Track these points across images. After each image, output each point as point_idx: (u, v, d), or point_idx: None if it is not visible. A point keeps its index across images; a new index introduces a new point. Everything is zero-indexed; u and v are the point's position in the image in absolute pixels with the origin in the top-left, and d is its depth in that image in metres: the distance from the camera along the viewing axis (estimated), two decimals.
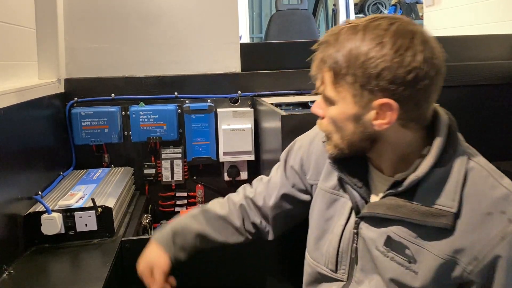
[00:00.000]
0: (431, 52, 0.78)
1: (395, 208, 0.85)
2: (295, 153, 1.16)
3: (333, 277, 0.99)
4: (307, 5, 4.64)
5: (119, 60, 1.84)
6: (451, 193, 0.82)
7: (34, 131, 1.44)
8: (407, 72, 0.76)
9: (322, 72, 0.85)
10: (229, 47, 1.90)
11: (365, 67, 0.78)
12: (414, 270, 0.84)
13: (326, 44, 0.84)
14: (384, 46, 0.76)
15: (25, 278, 1.13)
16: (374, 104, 0.80)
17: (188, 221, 1.19)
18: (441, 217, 0.81)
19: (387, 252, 0.87)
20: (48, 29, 1.68)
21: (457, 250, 0.81)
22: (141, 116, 1.79)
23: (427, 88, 0.79)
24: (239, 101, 1.89)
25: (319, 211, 1.05)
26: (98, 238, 1.35)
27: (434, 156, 0.82)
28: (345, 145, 0.89)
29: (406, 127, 0.84)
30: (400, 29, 0.78)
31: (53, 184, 1.53)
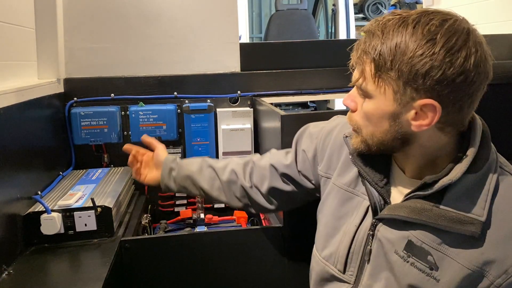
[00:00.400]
0: (484, 55, 0.75)
1: (420, 211, 0.81)
2: (310, 140, 1.14)
3: (340, 278, 0.96)
4: (307, 5, 4.64)
5: (119, 60, 1.84)
6: (481, 201, 0.78)
7: (33, 131, 1.44)
8: (457, 74, 0.72)
9: (363, 63, 0.81)
10: (229, 47, 1.90)
11: (412, 63, 0.73)
12: (436, 277, 0.81)
13: (371, 34, 0.79)
14: (436, 44, 0.72)
15: (24, 278, 1.13)
16: (416, 104, 0.76)
17: (190, 161, 1.29)
18: (469, 225, 0.77)
19: (407, 257, 0.84)
20: (47, 28, 1.68)
21: (487, 262, 0.77)
22: (140, 116, 1.79)
23: (473, 93, 0.75)
24: (238, 101, 1.89)
25: (331, 208, 1.02)
26: (97, 238, 1.35)
27: (468, 162, 0.79)
28: (375, 142, 0.85)
29: (443, 131, 0.80)
30: (454, 27, 0.73)
31: (52, 184, 1.53)
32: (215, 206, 1.92)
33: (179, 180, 1.28)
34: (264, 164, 1.21)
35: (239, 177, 1.23)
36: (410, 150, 0.85)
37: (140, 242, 1.38)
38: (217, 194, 1.25)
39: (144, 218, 1.65)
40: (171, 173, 1.28)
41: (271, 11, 7.65)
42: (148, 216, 1.69)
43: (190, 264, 1.39)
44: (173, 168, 1.28)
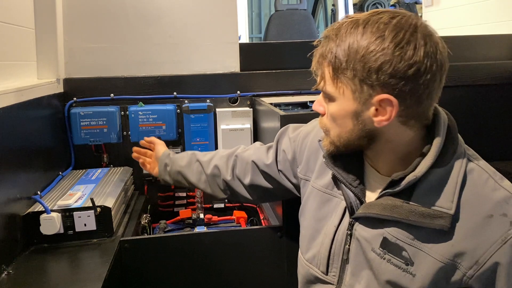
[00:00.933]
0: (434, 47, 0.77)
1: (392, 208, 0.83)
2: (288, 142, 1.17)
3: (324, 280, 0.98)
4: (306, 5, 4.63)
5: (118, 60, 1.84)
6: (449, 195, 0.80)
7: (33, 131, 1.44)
8: (408, 66, 0.74)
9: (322, 67, 0.84)
10: (228, 47, 1.90)
11: (365, 61, 0.76)
12: (412, 272, 0.82)
13: (327, 39, 0.82)
14: (385, 39, 0.75)
15: (24, 278, 1.13)
16: (374, 100, 0.78)
17: (181, 156, 1.36)
18: (438, 219, 0.79)
19: (383, 254, 0.85)
20: (47, 29, 1.68)
21: (458, 254, 0.79)
22: (140, 116, 1.79)
23: (429, 84, 0.77)
24: (238, 101, 1.89)
25: (311, 211, 1.04)
26: (97, 238, 1.35)
27: (433, 156, 0.80)
28: (342, 142, 0.87)
29: (407, 124, 0.82)
30: (401, 22, 0.76)
31: (52, 184, 1.53)
32: (214, 206, 1.92)
33: (173, 175, 1.36)
34: (247, 159, 1.25)
35: (222, 171, 1.29)
36: (378, 147, 0.87)
37: (139, 242, 1.38)
38: (204, 187, 1.33)
39: (143, 218, 1.65)
40: (166, 168, 1.37)
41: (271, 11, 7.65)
42: (148, 216, 1.69)
43: (190, 264, 1.39)
44: (167, 164, 1.36)
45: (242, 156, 1.27)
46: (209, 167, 1.30)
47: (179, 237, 1.44)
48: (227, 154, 1.31)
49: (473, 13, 2.83)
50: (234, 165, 1.28)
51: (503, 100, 1.96)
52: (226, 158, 1.30)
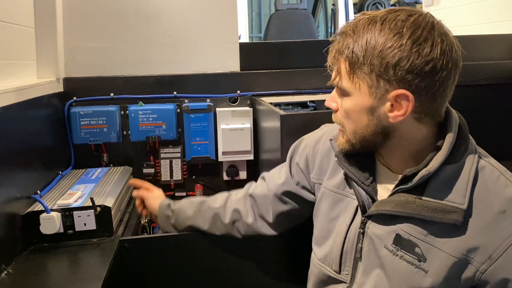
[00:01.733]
0: (450, 45, 0.78)
1: (404, 204, 0.84)
2: (301, 151, 1.16)
3: (337, 279, 0.98)
4: (306, 5, 4.63)
5: (118, 60, 1.84)
6: (461, 190, 0.81)
7: (33, 130, 1.43)
8: (425, 62, 0.76)
9: (338, 62, 0.85)
10: (228, 46, 1.90)
11: (382, 56, 0.78)
12: (424, 269, 0.83)
13: (343, 34, 0.83)
14: (403, 36, 0.77)
15: (23, 278, 1.13)
16: (390, 95, 0.80)
17: (185, 206, 1.32)
18: (451, 213, 0.80)
19: (396, 251, 0.86)
20: (47, 28, 1.67)
21: (471, 249, 0.79)
22: (140, 115, 1.79)
23: (444, 81, 0.79)
24: (238, 101, 1.89)
25: (323, 211, 1.04)
26: (97, 237, 1.34)
27: (446, 151, 0.82)
28: (358, 139, 0.88)
29: (420, 121, 0.83)
30: (419, 20, 0.78)
31: (52, 184, 1.53)
32: None
33: (179, 227, 1.34)
34: (263, 194, 1.22)
35: (243, 216, 1.25)
36: (392, 144, 0.88)
37: (139, 241, 1.38)
38: (219, 233, 1.29)
39: (143, 218, 1.65)
40: (169, 221, 1.35)
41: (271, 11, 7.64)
42: (148, 215, 1.69)
43: (189, 264, 1.38)
44: (170, 216, 1.34)
45: (257, 194, 1.24)
46: (227, 213, 1.26)
47: (179, 237, 1.44)
48: (242, 196, 1.27)
49: (474, 12, 2.83)
50: (252, 206, 1.25)
51: (503, 100, 1.95)
52: (243, 201, 1.26)
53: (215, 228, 1.29)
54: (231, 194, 1.31)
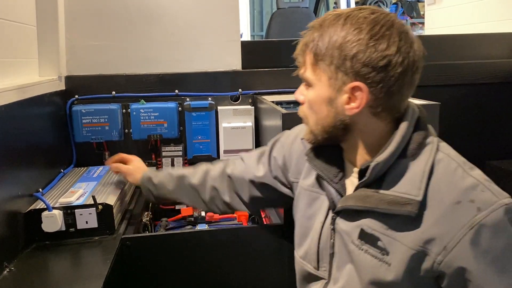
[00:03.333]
0: (407, 44, 0.82)
1: (364, 198, 0.86)
2: (279, 148, 1.21)
3: (317, 275, 1.01)
4: (308, 3, 4.63)
5: (120, 58, 1.84)
6: (417, 182, 0.82)
7: (34, 129, 1.44)
8: (380, 57, 0.80)
9: (304, 55, 0.90)
10: (230, 45, 1.90)
11: (341, 49, 0.82)
12: (387, 261, 0.85)
13: (311, 29, 0.88)
14: (362, 31, 0.81)
15: (25, 275, 1.14)
16: (347, 87, 0.83)
17: (166, 180, 1.36)
18: (406, 205, 0.81)
19: (361, 245, 0.89)
20: (48, 26, 1.68)
21: (427, 240, 0.81)
22: (141, 113, 1.79)
23: (399, 77, 0.81)
24: (239, 99, 1.89)
25: (301, 210, 1.07)
26: (98, 235, 1.35)
27: (396, 142, 0.84)
28: (319, 130, 0.92)
29: (378, 116, 0.86)
30: (380, 18, 0.82)
31: (53, 182, 1.53)
32: None
33: (161, 199, 1.44)
34: (241, 177, 1.26)
35: (220, 193, 1.30)
36: (352, 138, 0.91)
37: (141, 239, 1.38)
38: (201, 208, 1.44)
39: (145, 216, 1.65)
40: (151, 193, 1.40)
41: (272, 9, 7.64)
42: (149, 213, 1.69)
43: (191, 262, 1.39)
44: (151, 190, 1.39)
45: (235, 175, 1.27)
46: (206, 190, 1.31)
47: (181, 235, 1.44)
48: (220, 174, 1.30)
49: (475, 11, 2.82)
50: (229, 185, 1.29)
51: (505, 98, 1.95)
52: (220, 179, 1.30)
53: (197, 203, 1.36)
54: (209, 171, 1.33)
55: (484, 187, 0.81)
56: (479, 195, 0.79)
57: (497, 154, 1.99)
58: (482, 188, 0.80)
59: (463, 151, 0.90)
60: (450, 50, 2.11)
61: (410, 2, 7.20)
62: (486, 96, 1.93)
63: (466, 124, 2.00)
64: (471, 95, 1.90)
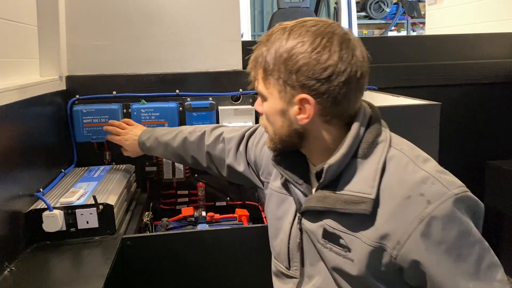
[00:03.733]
0: (350, 53, 0.84)
1: (323, 199, 0.90)
2: (251, 146, 1.27)
3: (288, 274, 1.04)
4: (309, 3, 4.63)
5: (121, 58, 1.84)
6: (370, 181, 0.85)
7: (35, 128, 1.44)
8: (323, 69, 0.83)
9: (255, 69, 0.93)
10: (231, 45, 1.90)
11: (287, 63, 0.85)
12: (350, 258, 0.88)
13: (260, 44, 0.92)
14: (304, 44, 0.84)
15: (26, 275, 1.14)
16: (296, 100, 0.87)
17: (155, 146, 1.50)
18: (360, 204, 0.85)
19: (325, 244, 0.92)
20: (49, 26, 1.68)
21: (382, 236, 0.83)
22: (142, 113, 1.79)
23: (344, 86, 0.84)
24: (240, 99, 1.89)
25: (271, 211, 1.11)
26: (99, 235, 1.35)
27: (347, 145, 0.87)
28: (277, 139, 0.96)
29: (329, 123, 0.90)
30: (321, 30, 0.85)
31: (54, 182, 1.53)
32: (216, 204, 1.92)
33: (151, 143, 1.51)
34: (219, 156, 1.37)
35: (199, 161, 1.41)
36: (309, 144, 0.95)
37: (141, 239, 1.38)
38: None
39: (145, 216, 1.65)
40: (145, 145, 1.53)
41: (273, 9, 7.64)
42: (150, 213, 1.69)
43: (192, 262, 1.39)
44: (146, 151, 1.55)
45: (215, 154, 1.37)
46: (187, 157, 1.42)
47: (181, 235, 1.45)
48: (197, 145, 1.40)
49: (477, 11, 2.82)
50: (208, 159, 1.39)
51: (506, 98, 1.95)
52: (198, 150, 1.40)
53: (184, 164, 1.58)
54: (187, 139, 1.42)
55: (435, 180, 0.82)
56: (429, 188, 0.81)
57: (498, 154, 1.99)
58: (433, 181, 0.82)
59: (464, 151, 0.90)
60: (451, 50, 2.10)
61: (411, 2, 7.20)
62: (487, 96, 1.93)
63: (467, 124, 2.00)
64: (472, 95, 1.90)
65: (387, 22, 7.59)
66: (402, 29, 7.90)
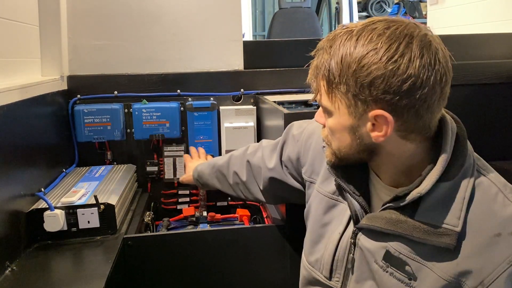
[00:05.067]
0: (432, 57, 0.73)
1: (396, 223, 0.80)
2: (293, 143, 1.16)
3: (326, 284, 0.96)
4: (310, 3, 4.63)
5: (122, 58, 1.84)
6: (456, 211, 0.76)
7: (37, 128, 1.44)
8: (402, 81, 0.71)
9: (317, 80, 0.82)
10: (232, 44, 1.90)
11: (357, 75, 0.73)
12: (415, 287, 0.80)
13: (322, 50, 0.80)
14: (378, 52, 0.72)
15: (27, 275, 1.14)
16: (369, 115, 0.76)
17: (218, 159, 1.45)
18: (444, 236, 0.76)
19: (386, 267, 0.83)
20: (51, 26, 1.68)
21: (462, 272, 0.76)
22: (143, 113, 1.79)
23: (427, 97, 0.73)
24: (241, 99, 1.89)
25: (315, 215, 1.02)
26: (100, 235, 1.35)
27: (438, 172, 0.77)
28: (342, 156, 0.86)
29: (407, 138, 0.78)
30: (396, 33, 0.72)
31: (55, 181, 1.53)
32: (217, 204, 1.92)
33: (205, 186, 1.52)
34: (257, 164, 1.29)
35: (240, 176, 1.35)
36: (380, 160, 0.85)
37: (142, 239, 1.38)
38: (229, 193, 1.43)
39: (147, 216, 1.65)
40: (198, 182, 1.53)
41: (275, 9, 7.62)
42: (151, 213, 1.70)
43: (193, 262, 1.39)
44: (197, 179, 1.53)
45: (253, 162, 1.31)
46: (230, 175, 1.38)
47: (182, 235, 1.45)
48: (240, 157, 1.36)
49: (479, 11, 2.81)
50: (248, 170, 1.32)
51: (509, 98, 1.94)
52: (240, 162, 1.35)
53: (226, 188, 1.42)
54: (233, 153, 1.40)
55: None
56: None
57: (501, 155, 1.98)
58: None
59: None
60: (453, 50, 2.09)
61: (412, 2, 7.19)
62: (489, 97, 1.92)
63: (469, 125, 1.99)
64: (474, 95, 1.89)
65: None
66: None
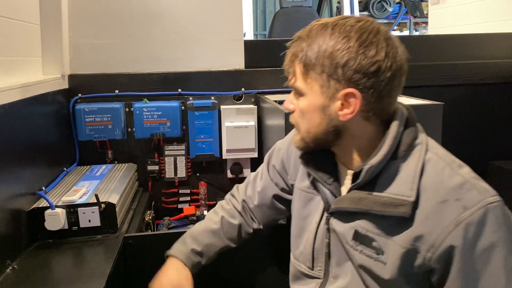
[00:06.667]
0: (394, 49, 0.85)
1: (358, 200, 0.89)
2: (276, 154, 1.23)
3: (311, 275, 1.03)
4: (311, 2, 4.62)
5: (123, 57, 1.84)
6: (409, 183, 0.85)
7: (38, 127, 1.44)
8: (370, 63, 0.83)
9: (293, 65, 0.93)
10: (233, 44, 1.90)
11: (332, 57, 0.84)
12: (383, 261, 0.87)
13: (299, 39, 0.91)
14: (350, 39, 0.84)
15: (28, 273, 1.14)
16: (340, 94, 0.86)
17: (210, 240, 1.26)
18: (400, 207, 0.84)
19: (356, 246, 0.91)
20: (52, 25, 1.68)
21: (416, 238, 0.83)
22: (144, 112, 1.79)
23: (389, 81, 0.84)
24: (242, 98, 1.89)
25: (297, 210, 1.09)
26: (101, 234, 1.35)
27: (388, 145, 0.86)
28: (311, 138, 0.94)
29: (368, 120, 0.89)
30: (365, 26, 0.85)
31: (56, 180, 1.53)
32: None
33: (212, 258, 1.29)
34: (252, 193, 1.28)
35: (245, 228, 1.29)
36: (343, 142, 0.93)
37: (143, 238, 1.38)
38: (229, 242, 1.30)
39: (147, 215, 1.65)
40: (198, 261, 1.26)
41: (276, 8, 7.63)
42: (152, 212, 1.70)
43: None
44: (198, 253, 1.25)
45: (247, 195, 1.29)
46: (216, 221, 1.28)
47: (182, 234, 1.44)
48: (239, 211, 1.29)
49: (480, 11, 2.81)
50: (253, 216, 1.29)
51: (509, 98, 1.95)
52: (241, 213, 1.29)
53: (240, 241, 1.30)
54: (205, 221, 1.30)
55: (471, 186, 0.83)
56: (465, 194, 0.82)
57: (500, 155, 1.98)
58: (469, 187, 0.82)
59: (466, 151, 0.90)
60: (454, 50, 2.10)
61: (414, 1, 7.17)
62: (490, 96, 1.93)
63: (470, 124, 2.00)
64: (475, 95, 1.89)
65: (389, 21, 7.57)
66: (405, 28, 7.89)
